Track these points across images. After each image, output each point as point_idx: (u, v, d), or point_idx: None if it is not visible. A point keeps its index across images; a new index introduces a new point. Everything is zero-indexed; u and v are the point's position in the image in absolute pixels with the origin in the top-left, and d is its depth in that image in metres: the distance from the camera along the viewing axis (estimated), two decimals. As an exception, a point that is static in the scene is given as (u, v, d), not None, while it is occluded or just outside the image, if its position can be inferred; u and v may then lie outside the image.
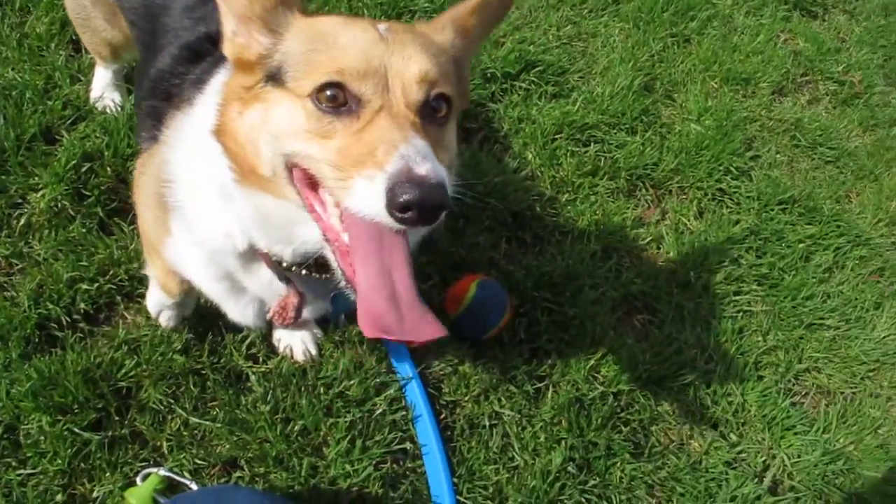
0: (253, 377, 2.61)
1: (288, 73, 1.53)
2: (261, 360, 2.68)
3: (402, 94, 1.48)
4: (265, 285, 1.93)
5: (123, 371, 2.50)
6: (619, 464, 2.78)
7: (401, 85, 1.48)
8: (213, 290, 2.06)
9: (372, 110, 1.45)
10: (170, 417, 2.49)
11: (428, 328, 1.47)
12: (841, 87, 4.96)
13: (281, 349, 2.72)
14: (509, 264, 3.18)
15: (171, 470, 2.34)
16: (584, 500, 2.67)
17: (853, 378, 3.46)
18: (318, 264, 1.75)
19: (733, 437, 3.02)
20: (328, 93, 1.46)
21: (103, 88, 3.17)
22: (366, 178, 1.34)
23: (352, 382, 2.65)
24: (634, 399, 2.96)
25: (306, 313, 1.99)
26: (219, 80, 1.84)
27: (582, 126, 3.81)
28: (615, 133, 3.90)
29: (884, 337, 3.66)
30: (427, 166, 1.31)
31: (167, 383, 2.52)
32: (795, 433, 3.13)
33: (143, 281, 2.70)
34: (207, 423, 2.49)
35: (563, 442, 2.74)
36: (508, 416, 2.77)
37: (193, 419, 2.49)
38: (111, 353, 2.52)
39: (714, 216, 3.79)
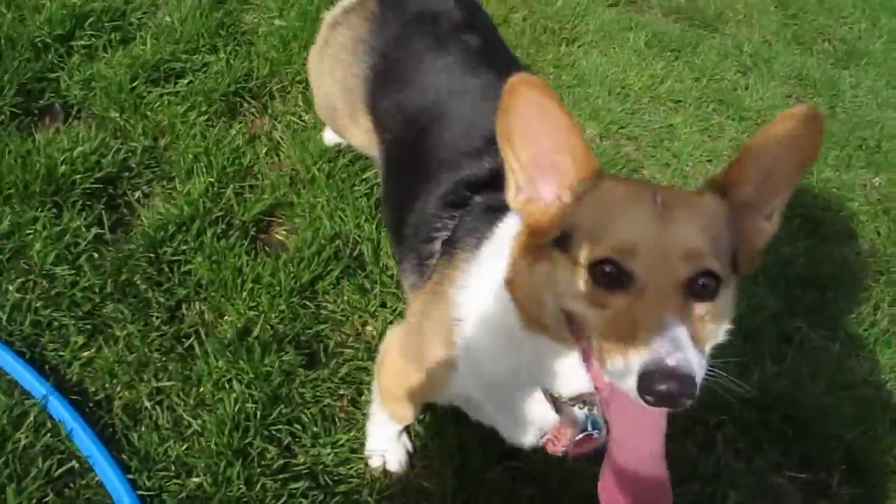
0: None
1: (573, 241, 1.61)
2: None
3: (668, 273, 1.51)
4: (540, 414, 2.02)
5: None
6: (297, 382, 2.74)
7: (667, 263, 1.51)
8: (491, 414, 2.22)
9: (639, 288, 1.50)
10: None
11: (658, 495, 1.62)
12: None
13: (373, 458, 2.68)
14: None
15: None
16: (273, 432, 2.61)
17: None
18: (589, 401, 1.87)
19: (402, 306, 3.06)
20: (604, 268, 1.53)
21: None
22: (623, 357, 1.43)
23: (-21, 430, 2.37)
24: (293, 312, 2.91)
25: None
26: (505, 230, 1.97)
27: (157, 63, 3.56)
28: (196, 57, 3.69)
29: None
30: (678, 357, 1.38)
31: None
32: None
33: None
34: None
35: (231, 384, 2.65)
36: (169, 385, 2.62)
37: None
38: None
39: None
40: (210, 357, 2.70)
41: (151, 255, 2.91)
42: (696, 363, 1.41)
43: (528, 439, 2.18)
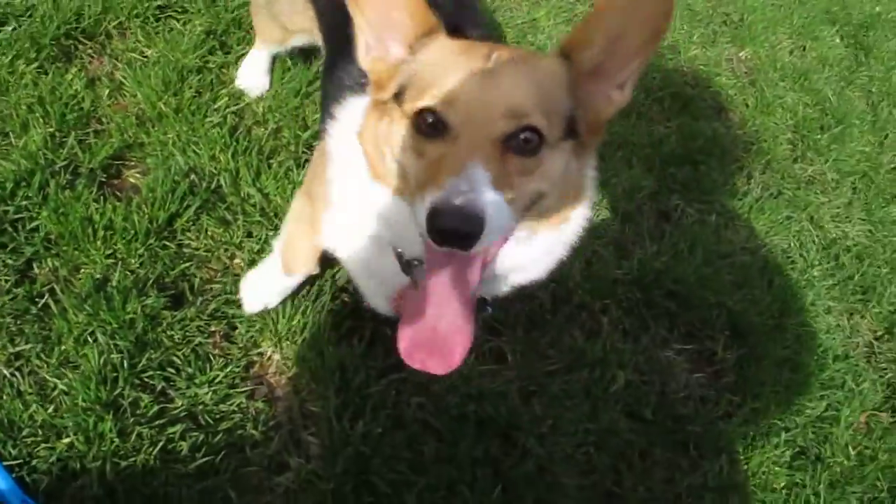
0: None
1: (405, 94, 1.65)
2: None
3: (483, 125, 1.53)
4: (392, 274, 1.99)
5: None
6: (164, 325, 2.62)
7: (485, 116, 1.53)
8: (355, 269, 2.22)
9: (454, 137, 1.53)
10: None
11: (456, 344, 1.65)
12: None
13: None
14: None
15: None
16: (145, 380, 2.51)
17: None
18: None
19: (270, 234, 2.95)
20: (426, 118, 1.57)
21: (255, 72, 3.40)
22: (422, 200, 1.46)
23: None
24: (153, 254, 2.77)
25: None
26: None
27: (-28, 12, 3.28)
28: (17, 0, 3.41)
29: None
30: (468, 197, 1.39)
31: None
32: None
33: None
34: None
35: (94, 336, 2.52)
36: (28, 349, 2.48)
37: None
38: None
39: (168, 35, 3.53)
40: (68, 313, 2.56)
41: (-10, 216, 2.72)
42: (489, 206, 1.42)
43: (384, 303, 2.22)
